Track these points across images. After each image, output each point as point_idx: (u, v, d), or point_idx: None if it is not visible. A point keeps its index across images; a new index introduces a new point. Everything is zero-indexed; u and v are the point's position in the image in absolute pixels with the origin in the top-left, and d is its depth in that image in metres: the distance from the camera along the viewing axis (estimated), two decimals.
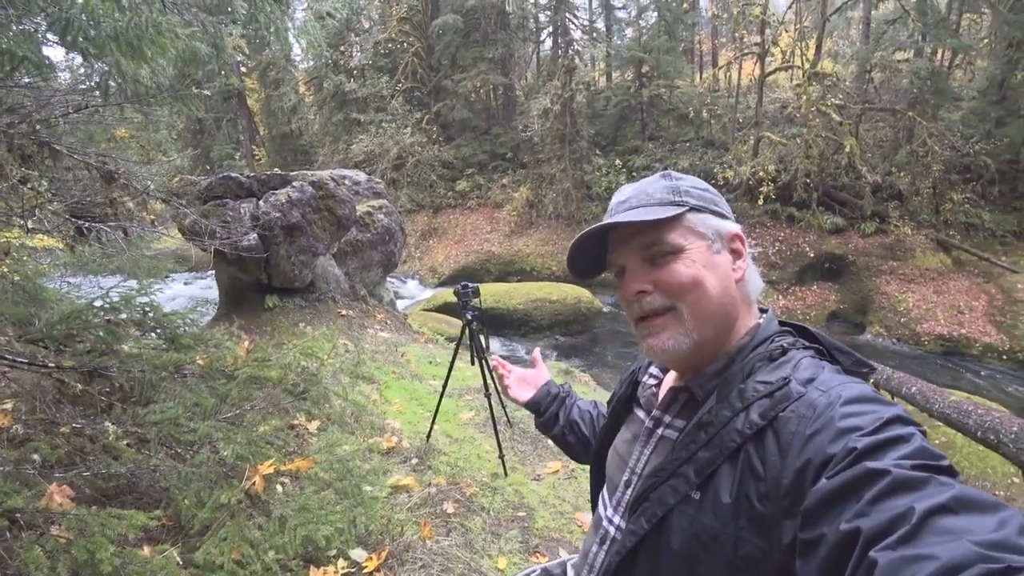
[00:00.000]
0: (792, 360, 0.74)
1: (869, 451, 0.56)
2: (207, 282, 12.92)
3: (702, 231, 0.80)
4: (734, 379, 0.75)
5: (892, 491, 0.52)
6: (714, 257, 0.80)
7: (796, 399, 0.67)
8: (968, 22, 15.61)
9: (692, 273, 0.77)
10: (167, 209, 3.51)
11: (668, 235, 0.79)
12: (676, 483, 0.73)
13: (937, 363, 10.47)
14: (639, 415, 0.94)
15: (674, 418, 0.85)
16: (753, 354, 0.77)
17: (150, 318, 2.78)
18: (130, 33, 2.07)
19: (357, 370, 4.90)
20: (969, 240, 12.49)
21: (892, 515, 0.50)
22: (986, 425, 4.30)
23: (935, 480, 0.52)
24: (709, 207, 0.82)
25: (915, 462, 0.54)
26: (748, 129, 15.39)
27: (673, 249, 0.79)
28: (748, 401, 0.70)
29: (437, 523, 2.72)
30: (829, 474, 0.57)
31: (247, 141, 24.17)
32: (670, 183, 0.83)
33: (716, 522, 0.67)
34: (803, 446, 0.62)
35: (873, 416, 0.60)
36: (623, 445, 0.94)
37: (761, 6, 14.48)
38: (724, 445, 0.70)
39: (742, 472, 0.67)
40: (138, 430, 2.14)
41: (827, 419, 0.62)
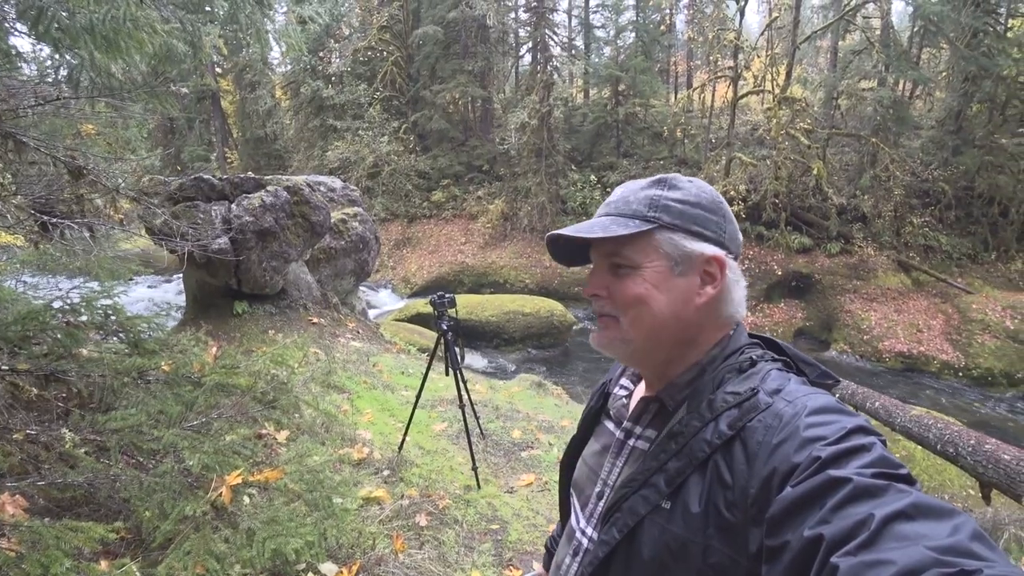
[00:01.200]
0: (760, 372, 0.75)
1: (832, 460, 0.57)
2: (174, 286, 12.56)
3: (666, 251, 0.79)
4: (704, 390, 0.76)
5: (853, 498, 0.53)
6: (673, 279, 0.79)
7: (763, 409, 0.68)
8: (928, 55, 16.44)
9: (638, 293, 0.79)
10: (136, 209, 3.39)
11: (628, 250, 0.80)
12: (647, 493, 0.74)
13: (898, 379, 10.83)
14: (608, 427, 0.94)
15: (645, 429, 0.85)
16: (723, 365, 0.78)
17: (112, 321, 2.67)
18: (106, 26, 2.00)
19: (328, 379, 4.77)
20: (928, 262, 13.04)
21: (853, 521, 0.51)
22: (945, 438, 4.43)
23: (894, 488, 0.53)
24: (686, 226, 0.79)
25: (876, 470, 0.55)
26: (720, 149, 15.80)
27: (630, 264, 0.80)
28: (717, 412, 0.71)
29: (410, 536, 2.66)
30: (794, 482, 0.58)
31: (220, 143, 23.70)
32: (654, 193, 0.81)
33: (686, 531, 0.68)
34: (769, 455, 0.63)
35: (836, 426, 0.61)
36: (592, 457, 0.93)
37: (735, 32, 14.96)
38: (693, 455, 0.70)
39: (711, 481, 0.68)
40: (97, 438, 2.05)
41: (792, 429, 0.63)
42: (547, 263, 16.27)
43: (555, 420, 4.85)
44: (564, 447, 1.15)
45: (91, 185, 2.28)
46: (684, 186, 0.83)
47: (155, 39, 2.34)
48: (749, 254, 14.35)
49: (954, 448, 4.36)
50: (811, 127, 14.17)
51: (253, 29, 3.91)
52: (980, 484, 4.36)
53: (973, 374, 10.51)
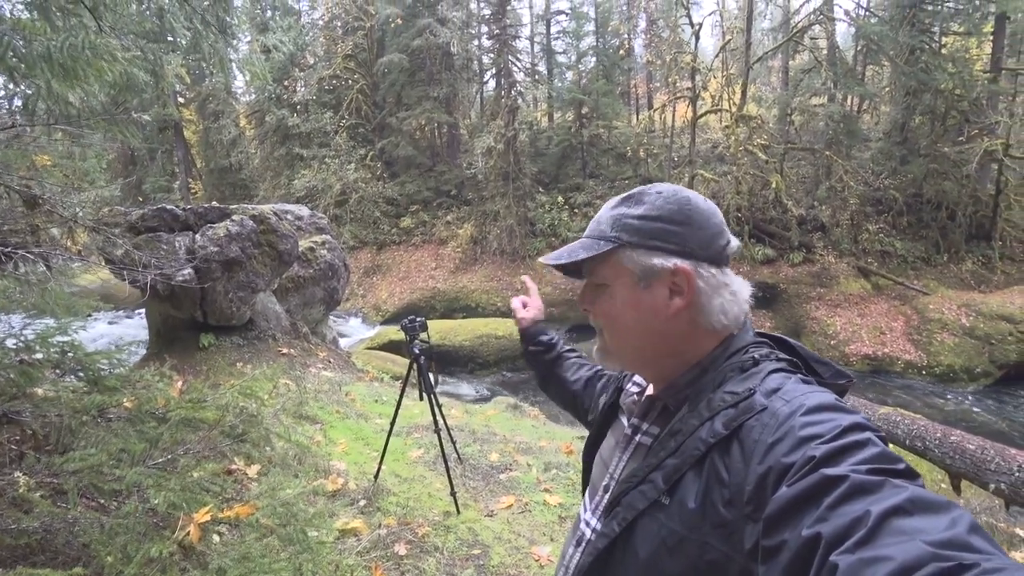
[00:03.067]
0: (762, 371, 0.75)
1: (827, 458, 0.57)
2: (136, 321, 12.12)
3: (629, 267, 0.81)
4: (705, 389, 0.77)
5: (850, 496, 0.53)
6: (639, 294, 0.80)
7: (759, 410, 0.68)
8: (872, 72, 17.36)
9: (606, 310, 0.85)
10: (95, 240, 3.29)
11: (599, 269, 0.85)
12: (646, 488, 0.75)
13: (866, 381, 11.11)
14: (622, 421, 0.96)
15: (650, 425, 0.87)
16: (726, 364, 0.79)
17: (70, 358, 2.56)
18: (64, 54, 1.97)
19: (299, 410, 4.67)
20: (885, 266, 13.55)
21: (850, 519, 0.51)
22: (913, 433, 4.57)
23: (890, 483, 0.53)
24: (644, 242, 0.80)
25: (871, 466, 0.56)
26: (683, 167, 16.25)
27: (602, 282, 0.85)
28: (714, 411, 0.72)
29: (389, 566, 2.58)
30: (789, 482, 0.58)
31: (183, 174, 23.23)
32: (618, 212, 0.83)
33: (682, 527, 0.69)
34: (765, 454, 0.63)
35: (832, 424, 0.62)
36: (607, 450, 0.96)
37: (691, 54, 15.54)
38: (690, 453, 0.71)
39: (707, 479, 0.68)
40: (54, 480, 1.94)
41: (788, 428, 0.63)
42: (518, 285, 16.31)
43: (533, 441, 4.81)
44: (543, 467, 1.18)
45: (47, 215, 2.20)
46: (649, 200, 0.83)
47: (115, 67, 2.31)
48: None
49: (922, 442, 4.50)
50: (768, 143, 14.72)
51: (216, 58, 3.89)
52: (949, 475, 4.49)
53: (935, 371, 10.88)
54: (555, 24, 22.51)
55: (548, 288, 15.87)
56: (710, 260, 0.80)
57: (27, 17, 2.09)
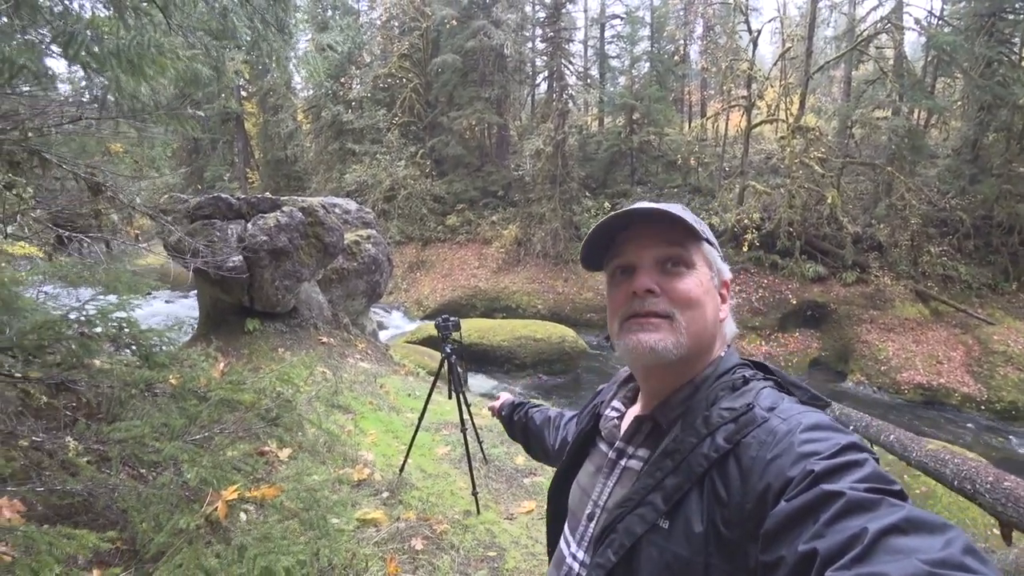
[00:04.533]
0: (753, 389, 0.76)
1: (826, 474, 0.58)
2: (190, 301, 12.75)
3: (711, 261, 0.85)
4: (698, 407, 0.77)
5: (847, 512, 0.53)
6: (712, 290, 0.84)
7: (760, 424, 0.68)
8: (943, 85, 16.42)
9: (698, 292, 0.81)
10: (154, 226, 3.49)
11: (689, 251, 0.83)
12: (644, 512, 0.73)
13: (918, 412, 10.54)
14: (602, 448, 0.94)
15: (637, 448, 0.85)
16: (717, 383, 0.79)
17: (126, 334, 2.72)
18: (131, 51, 2.10)
19: (333, 399, 4.81)
20: (946, 292, 12.79)
21: (847, 536, 0.51)
22: (963, 474, 4.27)
23: (887, 502, 0.54)
24: (717, 248, 0.88)
25: (869, 485, 0.56)
26: (734, 178, 15.83)
27: (688, 264, 0.82)
28: (713, 427, 0.72)
29: (404, 560, 2.64)
30: (788, 496, 0.59)
31: (241, 164, 24.30)
32: (691, 214, 0.85)
33: (688, 550, 0.67)
34: (763, 470, 0.63)
35: (830, 442, 0.62)
36: (586, 478, 0.93)
37: (748, 62, 15.12)
38: (691, 470, 0.70)
39: (708, 499, 0.68)
40: (100, 447, 2.08)
41: (787, 444, 0.64)
42: (560, 289, 16.27)
43: None
44: None
45: (109, 201, 2.36)
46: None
47: (177, 64, 2.45)
48: (763, 283, 14.23)
49: (971, 485, 4.21)
50: (825, 156, 14.15)
51: (274, 57, 4.06)
52: (1000, 524, 4.20)
53: (996, 407, 10.20)
54: (609, 28, 22.40)
55: (590, 293, 15.76)
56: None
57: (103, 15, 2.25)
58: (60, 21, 2.04)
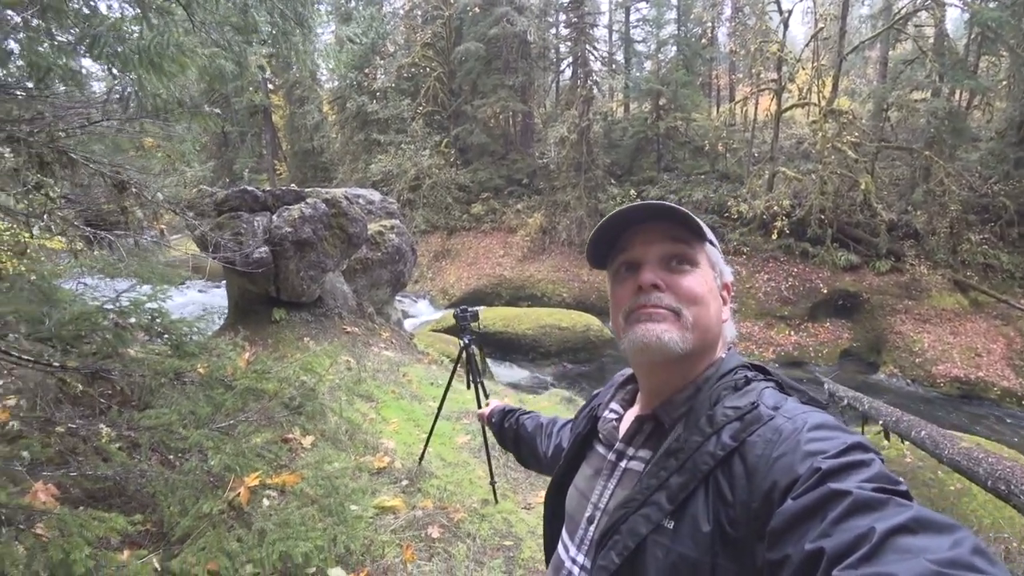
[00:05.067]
0: (756, 389, 0.76)
1: (833, 472, 0.58)
2: (222, 291, 13.10)
3: (714, 262, 0.87)
4: (701, 406, 0.77)
5: (854, 511, 0.53)
6: (715, 289, 0.85)
7: (765, 422, 0.68)
8: (987, 63, 15.65)
9: (702, 290, 0.82)
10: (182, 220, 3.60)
11: (694, 250, 0.84)
12: (648, 512, 0.72)
13: (954, 406, 10.21)
14: (600, 450, 0.93)
15: (638, 450, 0.85)
16: (719, 383, 0.79)
17: (157, 324, 2.82)
18: (152, 50, 2.17)
19: (356, 388, 4.90)
20: (987, 281, 12.28)
21: (854, 535, 0.51)
22: (997, 474, 4.15)
23: (895, 501, 0.53)
24: (719, 251, 0.89)
25: (876, 485, 0.56)
26: (763, 164, 15.44)
27: (693, 263, 0.83)
28: (719, 425, 0.72)
29: (420, 547, 2.69)
30: (794, 495, 0.58)
31: (270, 156, 24.74)
32: (694, 217, 0.85)
33: (695, 551, 0.67)
34: (769, 468, 0.63)
35: (837, 441, 0.62)
36: (584, 482, 0.92)
37: (779, 44, 14.66)
38: (697, 469, 0.70)
39: (714, 498, 0.68)
40: (131, 434, 2.17)
41: (793, 443, 0.64)
42: (585, 277, 16.19)
43: None
44: None
45: (134, 198, 2.45)
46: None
47: (198, 61, 2.51)
48: (793, 271, 13.91)
49: (1006, 485, 4.09)
50: (859, 140, 13.67)
51: (294, 50, 4.12)
52: None
53: None
54: (635, 12, 21.94)
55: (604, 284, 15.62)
56: None
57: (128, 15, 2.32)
58: (86, 23, 2.11)
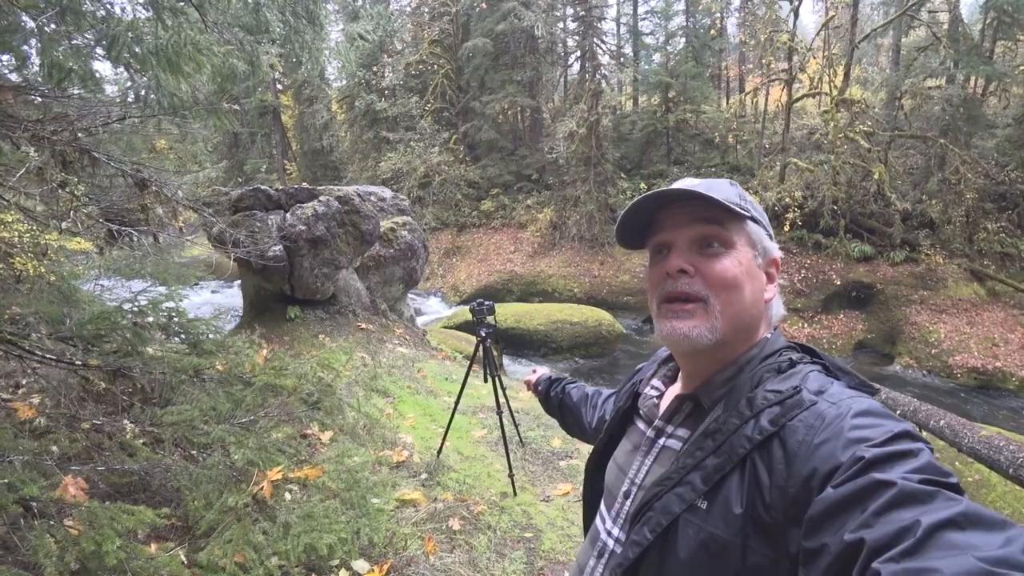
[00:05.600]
0: (800, 372, 0.74)
1: (877, 462, 0.56)
2: (236, 291, 13.23)
3: (755, 240, 0.82)
4: (742, 388, 0.76)
5: (898, 503, 0.51)
6: (756, 269, 0.81)
7: (806, 408, 0.66)
8: (1003, 49, 15.34)
9: (736, 273, 0.78)
10: (198, 218, 3.64)
11: (728, 230, 0.80)
12: (682, 491, 0.72)
13: (971, 397, 10.09)
14: (640, 426, 0.94)
15: (677, 428, 0.85)
16: (762, 365, 0.77)
17: (175, 323, 2.86)
18: (170, 50, 2.19)
19: (372, 383, 4.94)
20: (1005, 270, 12.08)
21: (897, 527, 0.49)
22: (1019, 462, 4.08)
23: (943, 495, 0.51)
24: (766, 225, 0.85)
25: (923, 476, 0.54)
26: (775, 155, 15.28)
27: (727, 243, 0.80)
28: (758, 409, 0.70)
29: (442, 539, 2.71)
30: (835, 483, 0.57)
31: (280, 156, 24.88)
32: (738, 190, 0.85)
33: (726, 531, 0.67)
34: (810, 455, 0.62)
35: (882, 429, 0.60)
36: (623, 456, 0.93)
37: (789, 33, 14.49)
38: (733, 452, 0.69)
39: (749, 481, 0.67)
40: (155, 430, 2.20)
41: (836, 429, 0.62)
42: (596, 272, 16.15)
43: None
44: None
45: (155, 196, 2.48)
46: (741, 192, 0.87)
47: (213, 60, 2.53)
48: (806, 263, 13.77)
49: None
50: (872, 129, 13.48)
51: (306, 48, 4.14)
52: None
53: None
54: (643, 4, 21.79)
55: (627, 276, 15.60)
56: None
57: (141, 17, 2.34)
58: (103, 25, 2.13)
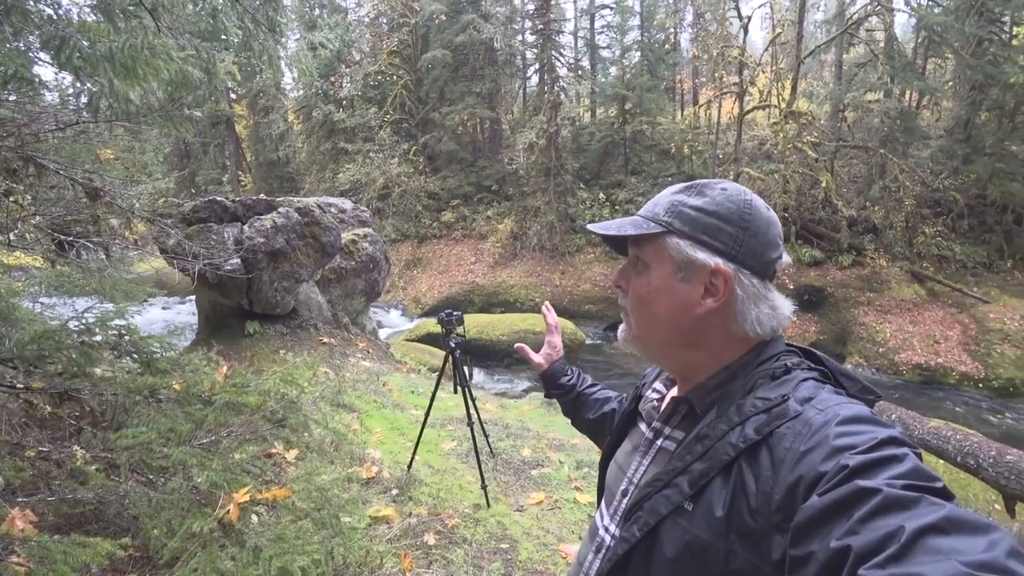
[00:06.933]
0: (794, 379, 0.73)
1: (861, 469, 0.56)
2: (187, 307, 12.72)
3: (672, 255, 0.80)
4: (735, 394, 0.76)
5: (883, 510, 0.52)
6: (676, 285, 0.80)
7: (793, 417, 0.66)
8: (933, 65, 16.44)
9: (641, 293, 0.84)
10: (150, 231, 3.47)
11: (645, 250, 0.84)
12: (669, 493, 0.73)
13: (917, 392, 10.60)
14: (641, 427, 0.96)
15: (673, 430, 0.86)
16: (757, 371, 0.77)
17: (126, 341, 2.71)
18: (125, 53, 2.08)
19: (338, 399, 4.81)
20: (942, 272, 12.82)
21: (882, 534, 0.49)
22: (965, 450, 4.33)
23: (927, 500, 0.52)
24: (694, 234, 0.79)
25: (907, 482, 0.54)
26: (728, 165, 15.81)
27: (644, 263, 0.84)
28: (745, 416, 0.71)
29: (418, 555, 2.64)
30: (820, 491, 0.57)
31: (233, 167, 24.17)
32: (677, 198, 0.82)
33: (708, 535, 0.67)
34: (796, 462, 0.62)
35: (868, 436, 0.60)
36: (623, 456, 0.95)
37: (739, 48, 15.08)
38: (718, 458, 0.70)
39: (734, 486, 0.67)
40: (108, 455, 2.07)
41: (822, 437, 0.62)
42: (557, 281, 16.27)
43: (566, 438, 4.81)
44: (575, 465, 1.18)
45: (107, 206, 2.34)
46: (711, 194, 0.81)
47: (171, 66, 2.42)
48: None
49: (975, 460, 4.26)
50: (818, 140, 14.14)
51: (266, 56, 4.02)
52: (1003, 497, 4.24)
53: (994, 385, 10.27)
54: (599, 19, 22.27)
55: (588, 285, 15.77)
56: (755, 270, 0.78)
57: (92, 20, 2.23)
58: (50, 26, 2.01)
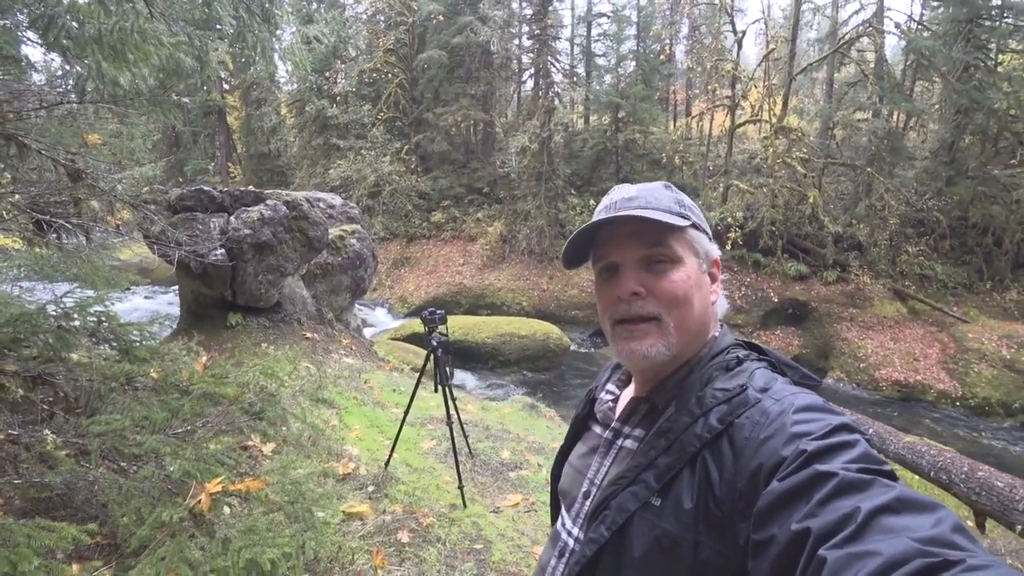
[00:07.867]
0: (747, 370, 0.76)
1: (818, 454, 0.59)
2: (170, 297, 12.56)
3: (697, 248, 0.83)
4: (692, 387, 0.78)
5: (840, 492, 0.54)
6: (701, 276, 0.83)
7: (752, 405, 0.69)
8: (921, 88, 16.76)
9: (686, 288, 0.80)
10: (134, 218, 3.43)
11: (672, 244, 0.81)
12: (636, 489, 0.74)
13: (895, 408, 10.77)
14: (596, 430, 0.95)
15: (634, 428, 0.86)
16: (711, 364, 0.80)
17: (105, 327, 2.67)
18: (114, 36, 2.05)
19: (318, 394, 4.77)
20: (923, 290, 13.08)
21: (840, 515, 0.52)
22: (939, 465, 4.41)
23: (879, 482, 0.55)
24: (704, 227, 0.86)
25: (861, 465, 0.57)
26: (718, 177, 16.00)
27: (674, 259, 0.80)
28: (707, 407, 0.72)
29: (390, 552, 2.63)
30: (780, 476, 0.59)
31: (223, 157, 23.92)
32: (674, 195, 0.85)
33: (677, 528, 0.68)
34: (756, 450, 0.64)
35: (822, 423, 0.63)
36: (579, 459, 0.94)
37: (733, 62, 15.28)
38: (684, 450, 0.71)
39: (699, 478, 0.69)
40: (80, 441, 2.04)
41: (780, 425, 0.65)
42: (544, 286, 16.30)
43: (545, 442, 4.82)
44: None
45: (89, 188, 2.31)
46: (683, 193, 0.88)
47: (161, 51, 2.39)
48: (746, 281, 14.40)
49: (947, 475, 4.34)
50: (807, 156, 14.36)
51: (259, 48, 3.99)
52: (974, 512, 4.32)
53: (970, 403, 10.48)
54: (596, 27, 22.40)
55: (575, 290, 15.80)
56: None
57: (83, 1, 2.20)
58: (38, 4, 1.99)
